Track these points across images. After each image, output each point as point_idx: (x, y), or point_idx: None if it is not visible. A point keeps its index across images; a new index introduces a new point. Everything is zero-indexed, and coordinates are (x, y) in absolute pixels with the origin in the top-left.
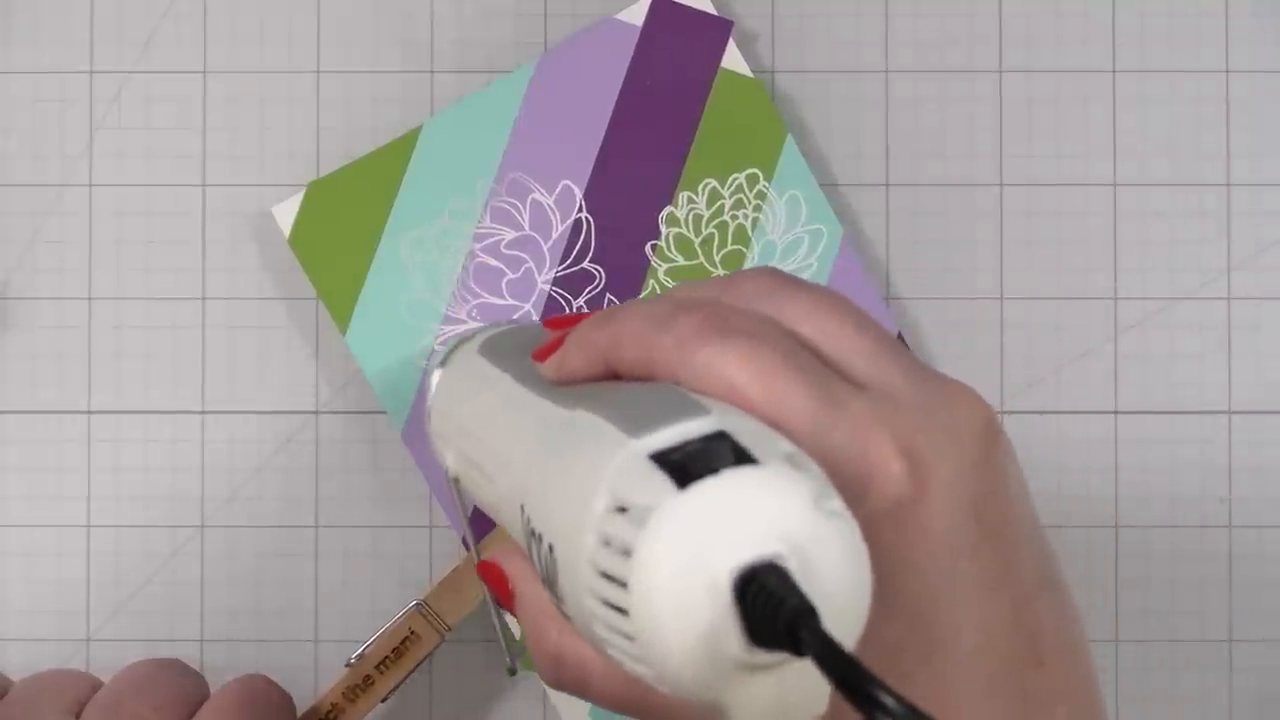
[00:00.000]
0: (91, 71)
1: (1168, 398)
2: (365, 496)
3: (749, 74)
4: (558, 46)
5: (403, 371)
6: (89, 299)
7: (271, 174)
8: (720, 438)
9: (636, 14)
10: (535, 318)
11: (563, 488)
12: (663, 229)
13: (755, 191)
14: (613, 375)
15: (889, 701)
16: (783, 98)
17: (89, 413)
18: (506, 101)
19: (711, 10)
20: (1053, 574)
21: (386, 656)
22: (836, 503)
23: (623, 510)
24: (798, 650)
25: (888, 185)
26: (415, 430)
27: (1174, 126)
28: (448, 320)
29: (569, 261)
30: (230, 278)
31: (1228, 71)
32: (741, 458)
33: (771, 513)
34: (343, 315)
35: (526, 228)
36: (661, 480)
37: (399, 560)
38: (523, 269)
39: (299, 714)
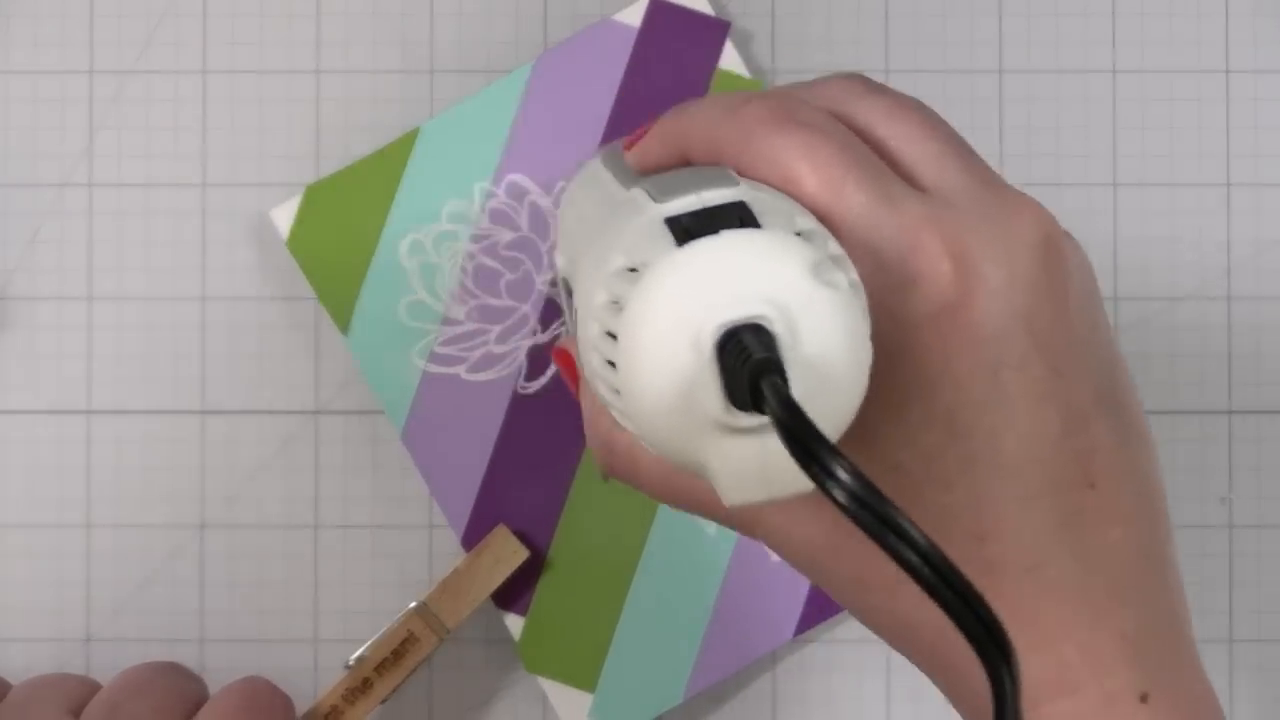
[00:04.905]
0: (91, 71)
1: (1168, 398)
2: (365, 496)
3: (746, 74)
4: (555, 48)
5: (402, 372)
6: (89, 299)
7: (271, 174)
8: (736, 206)
9: (634, 15)
10: (534, 320)
11: (593, 252)
12: None
13: None
14: (689, 163)
15: (839, 470)
16: None
17: (89, 413)
18: (504, 104)
19: (709, 11)
20: (1119, 397)
21: (386, 659)
22: (839, 276)
23: (633, 270)
24: (759, 407)
25: None
26: (415, 430)
27: (1174, 126)
28: (447, 321)
29: None
30: (230, 278)
31: (1228, 71)
32: (746, 223)
33: (763, 276)
34: (342, 318)
35: (525, 229)
36: (666, 240)
37: (399, 560)
38: (521, 270)
39: (298, 716)
